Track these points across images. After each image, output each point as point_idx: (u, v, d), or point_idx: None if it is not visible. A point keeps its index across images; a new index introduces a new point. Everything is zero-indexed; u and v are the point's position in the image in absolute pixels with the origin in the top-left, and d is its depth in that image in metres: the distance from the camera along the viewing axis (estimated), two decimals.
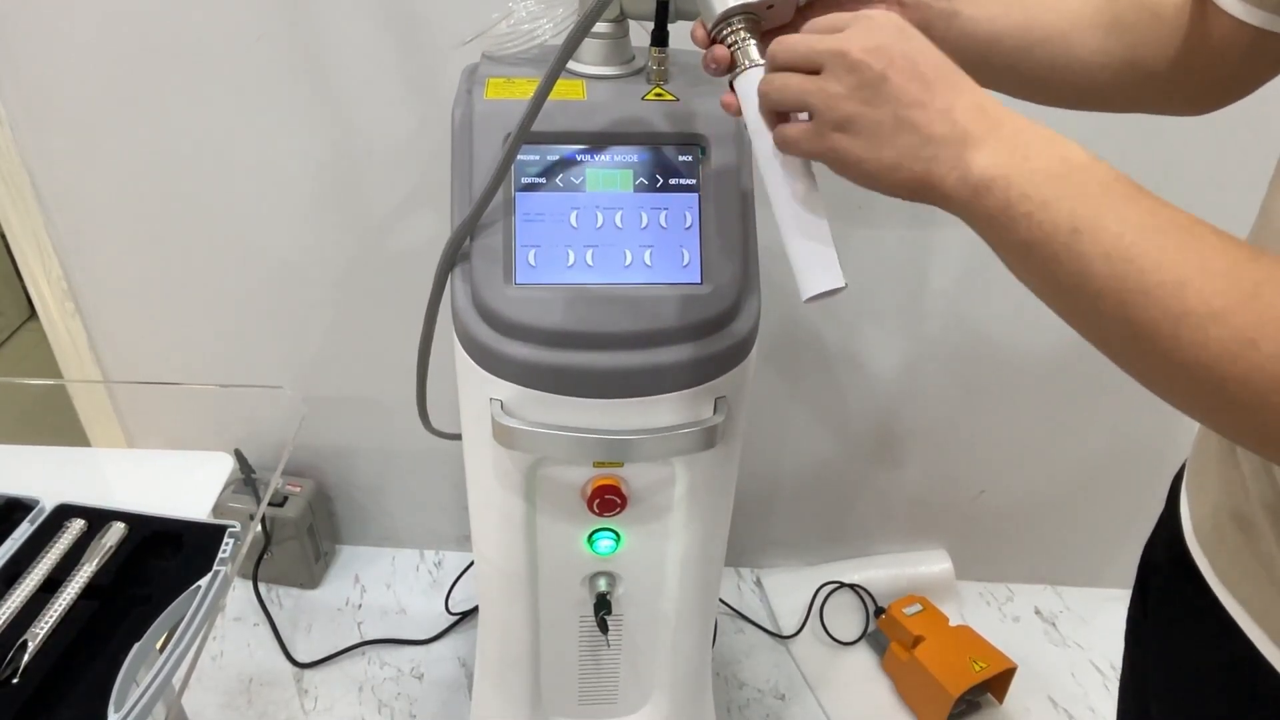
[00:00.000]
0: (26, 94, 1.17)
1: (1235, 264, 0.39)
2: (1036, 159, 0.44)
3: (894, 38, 0.48)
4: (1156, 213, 0.41)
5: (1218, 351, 0.38)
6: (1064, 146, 0.44)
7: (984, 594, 1.62)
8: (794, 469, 1.50)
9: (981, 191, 0.44)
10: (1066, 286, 0.43)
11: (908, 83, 0.46)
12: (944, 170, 0.46)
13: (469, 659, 1.44)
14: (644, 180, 0.75)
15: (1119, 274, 0.40)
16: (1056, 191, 0.42)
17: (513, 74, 0.79)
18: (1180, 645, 0.63)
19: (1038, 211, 0.43)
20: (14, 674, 0.64)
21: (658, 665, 1.03)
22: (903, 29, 0.49)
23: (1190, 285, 0.39)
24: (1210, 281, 0.38)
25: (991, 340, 1.35)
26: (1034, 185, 0.43)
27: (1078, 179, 0.43)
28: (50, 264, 1.30)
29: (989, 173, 0.44)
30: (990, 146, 0.45)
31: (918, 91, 0.46)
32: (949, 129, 0.45)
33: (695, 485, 0.84)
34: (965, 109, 0.46)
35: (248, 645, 1.45)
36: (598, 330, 0.72)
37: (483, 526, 0.90)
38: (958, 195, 0.45)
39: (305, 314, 1.35)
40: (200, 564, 0.74)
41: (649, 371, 0.73)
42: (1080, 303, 0.43)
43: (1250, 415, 0.39)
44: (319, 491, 1.53)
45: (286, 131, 1.18)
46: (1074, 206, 0.42)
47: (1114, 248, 0.41)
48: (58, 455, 0.93)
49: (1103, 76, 0.62)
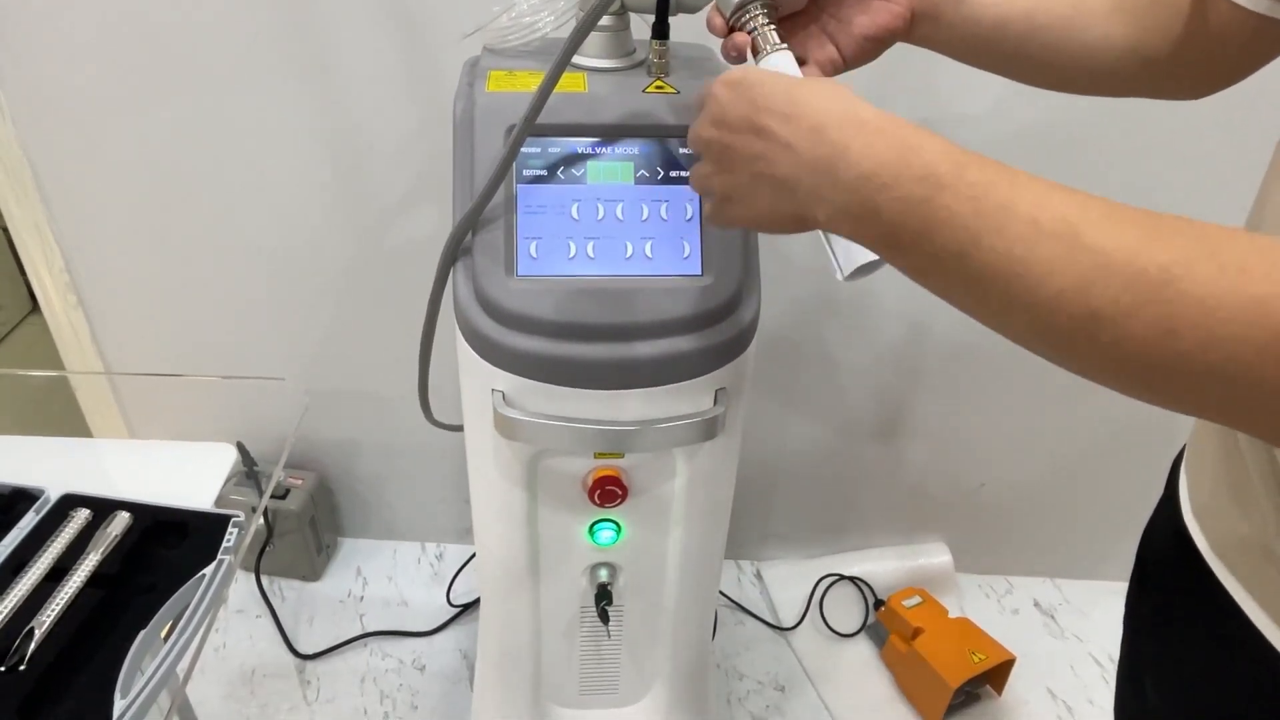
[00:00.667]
0: (29, 87, 1.17)
1: (1135, 251, 0.36)
2: (894, 186, 0.42)
3: (729, 102, 0.50)
4: (1038, 215, 0.38)
5: (1138, 347, 0.37)
6: (919, 158, 0.41)
7: (983, 586, 1.62)
8: (794, 462, 1.51)
9: (855, 223, 0.44)
10: (973, 306, 0.42)
11: (748, 142, 0.48)
12: (813, 208, 0.46)
13: (470, 651, 1.45)
14: (645, 172, 0.75)
15: (1017, 291, 0.39)
16: (927, 218, 0.41)
17: (514, 67, 0.79)
18: (1177, 624, 0.64)
19: (918, 242, 0.41)
20: (20, 661, 0.65)
21: (658, 656, 1.03)
22: (735, 86, 0.50)
23: (1094, 286, 0.37)
24: (1113, 277, 0.36)
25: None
26: (901, 216, 0.41)
27: (945, 201, 0.40)
28: (53, 256, 1.31)
29: (851, 210, 0.43)
30: (842, 181, 0.43)
31: (759, 146, 0.47)
32: (794, 169, 0.46)
33: (696, 476, 0.85)
34: (804, 140, 0.45)
35: (250, 637, 1.46)
36: (599, 322, 0.72)
37: (484, 517, 0.90)
38: (839, 228, 0.46)
39: (307, 307, 1.36)
40: (204, 553, 0.74)
41: (650, 363, 0.74)
42: (992, 318, 0.42)
43: (1194, 397, 0.38)
44: (321, 484, 1.54)
45: (289, 124, 1.18)
46: (951, 232, 0.40)
47: (1003, 266, 0.39)
48: (62, 446, 0.93)
49: (1105, 61, 0.63)
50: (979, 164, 0.41)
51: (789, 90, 0.47)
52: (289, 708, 1.35)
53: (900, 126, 0.43)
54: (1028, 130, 1.15)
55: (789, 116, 0.46)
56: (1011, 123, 1.15)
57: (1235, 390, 0.36)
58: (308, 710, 1.35)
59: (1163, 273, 0.36)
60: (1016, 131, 1.15)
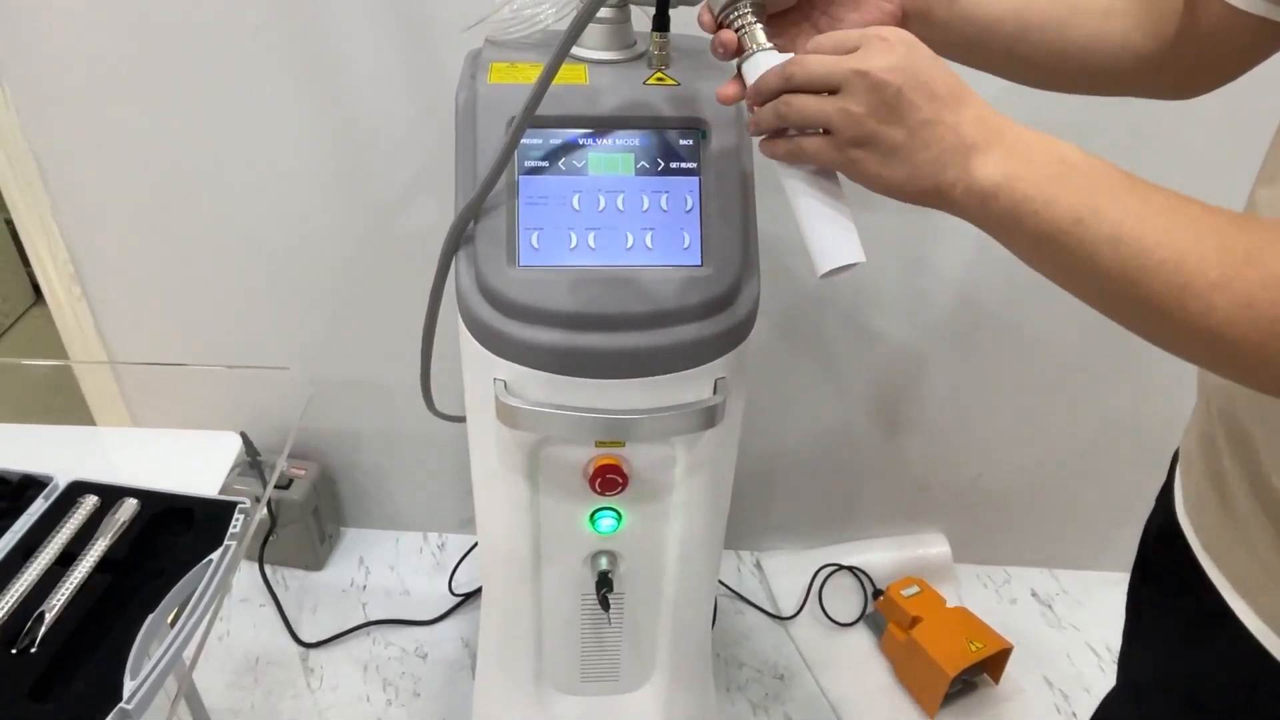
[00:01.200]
0: (33, 80, 1.17)
1: (1226, 235, 0.42)
2: (1037, 163, 0.47)
3: (906, 56, 0.50)
4: (1150, 198, 0.44)
5: (1221, 318, 0.41)
6: (1061, 149, 0.48)
7: (981, 577, 1.63)
8: (793, 453, 1.52)
9: (988, 198, 0.48)
10: (1078, 272, 0.47)
11: (921, 100, 0.49)
12: (951, 181, 0.49)
13: (472, 639, 1.46)
14: (645, 164, 0.76)
15: (1123, 255, 0.44)
16: (1058, 190, 0.46)
17: (516, 59, 0.79)
18: (1170, 616, 0.65)
19: (1043, 210, 0.46)
20: (32, 644, 0.66)
21: (659, 644, 1.04)
22: (913, 46, 0.51)
23: (1188, 259, 0.42)
24: (1206, 254, 0.42)
25: (990, 325, 1.36)
26: (1037, 186, 0.47)
27: (1075, 177, 0.46)
28: (57, 248, 1.32)
29: (994, 179, 0.48)
30: (994, 155, 0.48)
31: (930, 109, 0.49)
32: (956, 142, 0.49)
33: (696, 464, 0.86)
34: (970, 121, 0.49)
35: (254, 626, 1.47)
36: (600, 311, 0.73)
37: (486, 506, 0.91)
38: (966, 204, 0.49)
39: (309, 298, 1.37)
40: (211, 539, 0.75)
41: (650, 352, 0.74)
42: (1093, 285, 0.46)
43: (1259, 370, 0.42)
44: (323, 474, 1.55)
45: (291, 116, 1.19)
46: (1075, 201, 0.45)
47: (1116, 232, 0.44)
48: (70, 434, 0.94)
49: (1098, 61, 0.64)
50: (1104, 161, 0.47)
51: (957, 78, 0.51)
52: (293, 695, 1.37)
53: (1043, 133, 0.49)
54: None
55: (959, 99, 0.50)
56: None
57: None
58: (311, 698, 1.37)
59: (1247, 254, 0.41)
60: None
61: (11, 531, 0.74)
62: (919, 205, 0.52)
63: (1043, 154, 0.48)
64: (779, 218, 1.19)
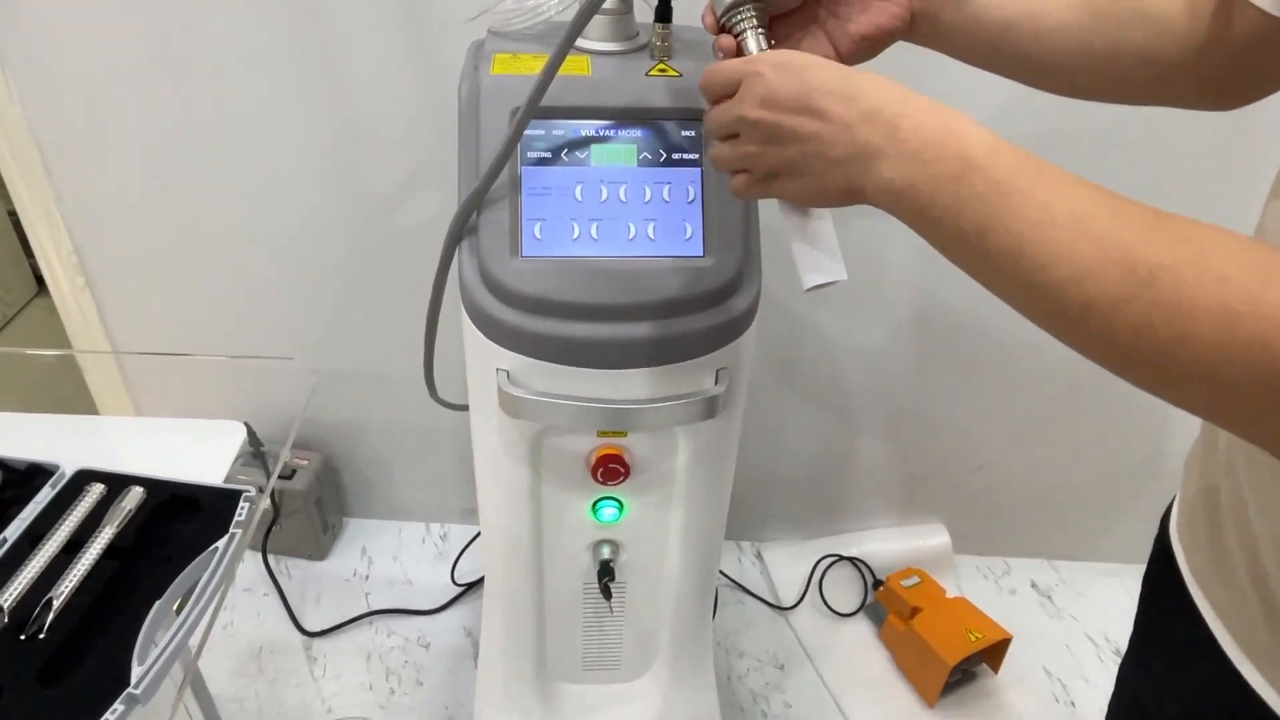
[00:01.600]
0: (37, 70, 1.18)
1: (1132, 251, 0.39)
2: (934, 162, 0.45)
3: (775, 82, 0.51)
4: (1052, 205, 0.42)
5: (1122, 338, 0.40)
6: (962, 140, 0.45)
7: (981, 568, 1.64)
8: (794, 444, 1.52)
9: (895, 200, 0.47)
10: (989, 281, 0.45)
11: (800, 121, 0.49)
12: (859, 183, 0.48)
13: (474, 629, 1.47)
14: (648, 155, 0.76)
15: (1025, 271, 0.42)
16: (957, 193, 0.44)
17: (518, 49, 0.80)
18: (1163, 636, 0.65)
19: (945, 217, 0.45)
20: (40, 630, 0.66)
21: (660, 633, 1.05)
22: (781, 67, 0.51)
23: (1088, 277, 0.40)
24: (1107, 271, 0.39)
25: (990, 317, 1.36)
26: (936, 191, 0.45)
27: (975, 179, 0.44)
28: (61, 238, 1.32)
29: (895, 184, 0.46)
30: (890, 156, 0.46)
31: (812, 124, 0.49)
32: (850, 147, 0.48)
33: (697, 454, 0.86)
34: (862, 120, 0.47)
35: (258, 615, 1.48)
36: (602, 302, 0.74)
37: (489, 495, 0.92)
38: (881, 203, 0.48)
39: (312, 289, 1.37)
40: (216, 527, 0.76)
41: (652, 342, 0.75)
42: (1004, 296, 0.45)
43: (1161, 389, 0.41)
44: (326, 465, 1.56)
45: (294, 107, 1.19)
46: (975, 210, 0.43)
47: (1015, 248, 0.42)
48: (75, 423, 0.95)
49: (1117, 69, 0.61)
50: (1011, 152, 0.44)
51: (844, 74, 0.50)
52: (296, 684, 1.38)
53: (947, 112, 0.46)
54: (1027, 138, 1.15)
55: (847, 98, 0.48)
56: (1012, 129, 1.15)
57: (1205, 388, 0.39)
58: (315, 686, 1.38)
59: (1149, 273, 0.38)
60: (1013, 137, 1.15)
61: (19, 519, 0.75)
62: (856, 206, 0.51)
63: (941, 150, 0.45)
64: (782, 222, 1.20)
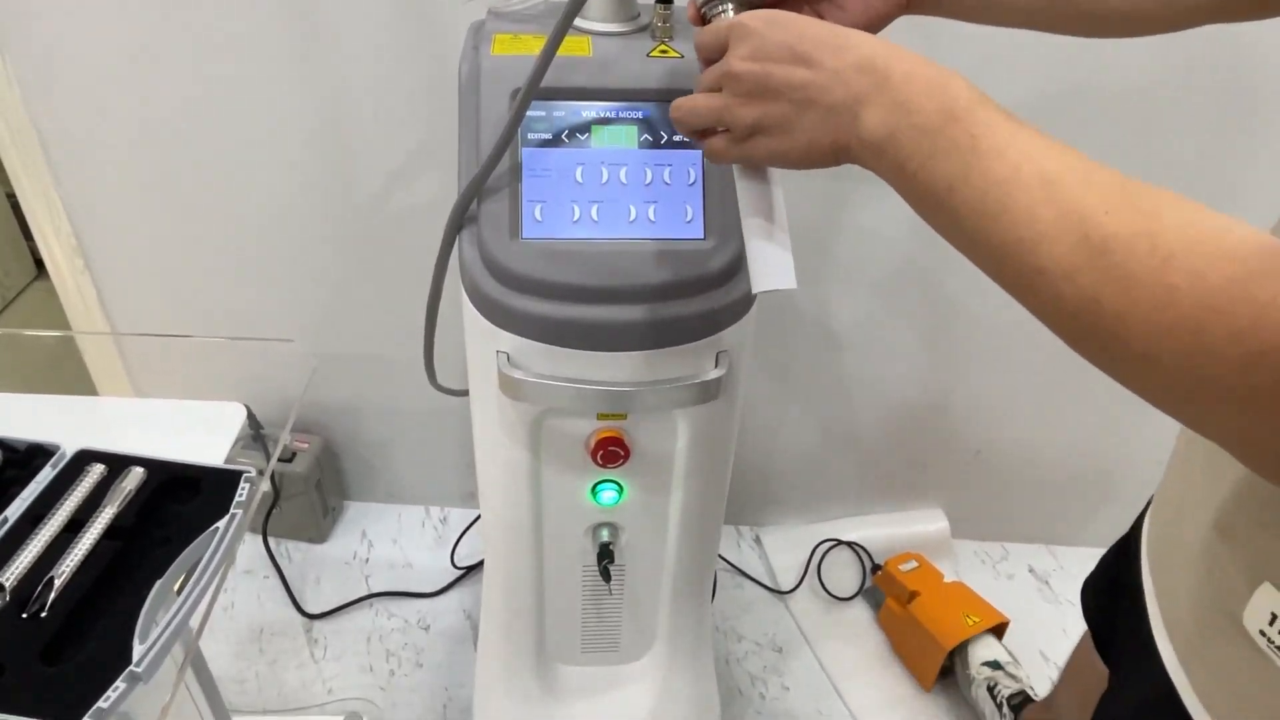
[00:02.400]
0: (35, 53, 1.17)
1: (1090, 220, 0.38)
2: (918, 111, 0.44)
3: (765, 34, 0.50)
4: (1021, 165, 0.41)
5: (1070, 307, 0.39)
6: (947, 92, 0.44)
7: (979, 553, 1.65)
8: (793, 429, 1.53)
9: (877, 152, 0.46)
10: (952, 237, 0.45)
11: (790, 69, 0.48)
12: (847, 135, 0.47)
13: (474, 611, 1.48)
14: (648, 136, 0.76)
15: (987, 229, 0.42)
16: (935, 144, 0.43)
17: (519, 30, 0.79)
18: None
19: (920, 170, 0.44)
20: (41, 609, 0.67)
21: (659, 616, 1.06)
22: (771, 20, 0.51)
23: (1043, 242, 0.39)
24: (1063, 238, 0.39)
25: (990, 302, 1.36)
26: (916, 143, 0.44)
27: (953, 131, 0.43)
28: (60, 221, 1.32)
29: (878, 133, 0.46)
30: (876, 104, 0.46)
31: (803, 73, 0.48)
32: (843, 93, 0.47)
33: (697, 438, 0.86)
34: (854, 69, 0.47)
35: (258, 597, 1.48)
36: (602, 284, 0.73)
37: (489, 478, 0.92)
38: (864, 157, 0.48)
39: (312, 271, 1.37)
40: (217, 508, 0.76)
41: (652, 325, 0.75)
42: (970, 255, 0.45)
43: (1102, 360, 0.40)
44: (326, 448, 1.56)
45: (293, 88, 1.19)
46: (948, 163, 0.43)
47: (979, 204, 0.42)
48: (76, 404, 0.95)
49: (1147, 5, 0.59)
50: (992, 108, 0.44)
51: (835, 28, 0.49)
52: (297, 665, 1.38)
53: (939, 68, 0.46)
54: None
55: (839, 48, 0.48)
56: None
57: (1144, 367, 0.38)
58: (315, 668, 1.38)
59: (1103, 243, 0.38)
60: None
61: (20, 499, 0.75)
62: (834, 167, 0.51)
63: (926, 101, 0.44)
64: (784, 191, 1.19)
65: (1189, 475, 0.58)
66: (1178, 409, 0.39)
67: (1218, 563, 0.52)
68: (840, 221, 1.28)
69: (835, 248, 1.31)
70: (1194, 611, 0.54)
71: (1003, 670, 1.32)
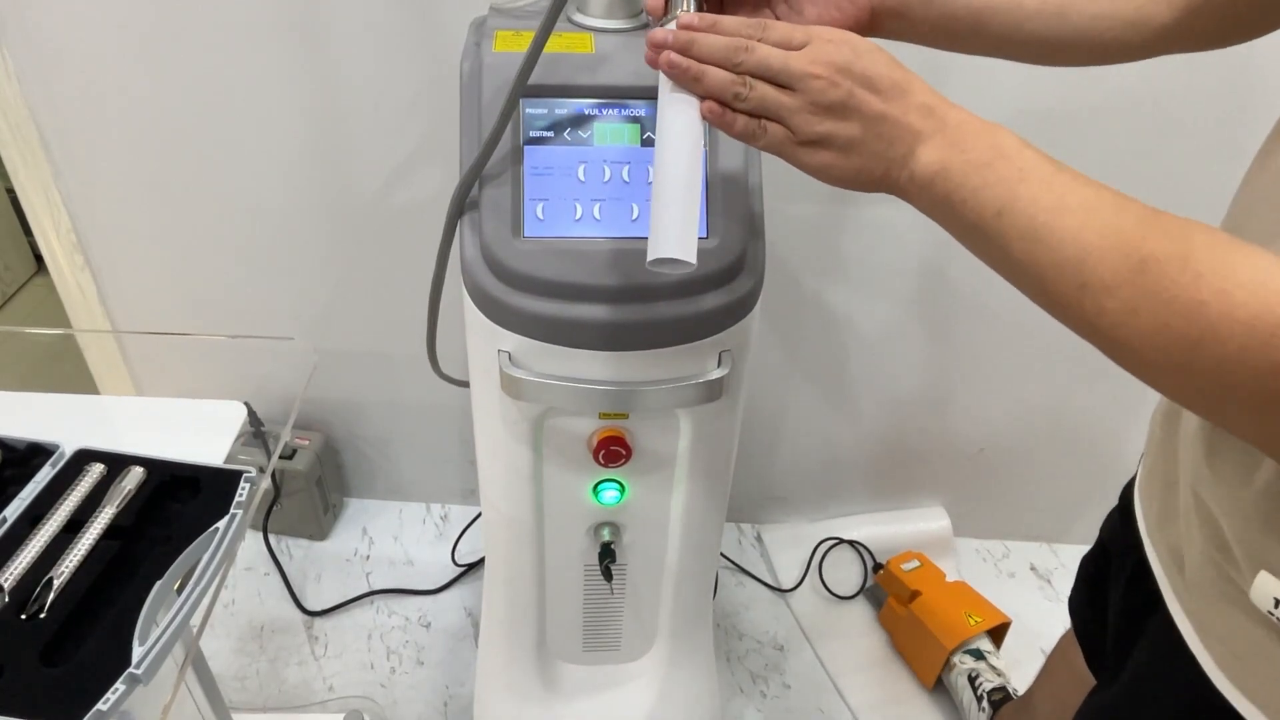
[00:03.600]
0: (35, 47, 1.16)
1: (1131, 240, 0.43)
2: (971, 149, 0.49)
3: (851, 56, 0.52)
4: (1065, 195, 0.46)
5: (1110, 320, 0.44)
6: (996, 135, 0.49)
7: (981, 551, 1.65)
8: (795, 427, 1.52)
9: (928, 185, 0.50)
10: (998, 261, 0.49)
11: (872, 96, 0.51)
12: (898, 170, 0.51)
13: (475, 609, 1.48)
14: (651, 134, 0.75)
15: (1033, 250, 0.46)
16: (985, 178, 0.48)
17: (520, 27, 0.79)
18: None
19: (970, 198, 0.48)
20: (41, 610, 0.66)
21: (660, 614, 1.05)
22: (855, 46, 0.52)
23: (1089, 260, 0.44)
24: (1106, 257, 0.43)
25: (992, 300, 1.35)
26: (966, 174, 0.49)
27: (1003, 166, 0.48)
28: (60, 217, 1.31)
29: (932, 167, 0.50)
30: (933, 142, 0.50)
31: (880, 103, 0.51)
32: (905, 131, 0.51)
33: (699, 437, 0.86)
34: (917, 111, 0.51)
35: (259, 594, 1.48)
36: (604, 283, 0.73)
37: (490, 476, 0.92)
38: (910, 189, 0.52)
39: (313, 268, 1.36)
40: (217, 507, 0.76)
41: (655, 324, 0.74)
42: (1011, 274, 0.49)
43: (1143, 373, 0.44)
44: (327, 445, 1.56)
45: (295, 84, 1.18)
46: (998, 191, 0.47)
47: (1028, 228, 0.46)
48: (75, 402, 0.94)
49: (1108, 38, 0.63)
50: (1039, 151, 0.49)
51: (902, 68, 0.53)
52: (298, 662, 1.38)
53: (983, 119, 0.51)
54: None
55: (906, 90, 0.52)
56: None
57: (1178, 375, 0.43)
58: (316, 665, 1.38)
59: (1141, 262, 0.42)
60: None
61: (19, 499, 0.75)
62: (865, 193, 0.54)
63: (978, 140, 0.49)
64: (785, 189, 1.19)
65: (1170, 454, 0.62)
66: (1210, 412, 0.44)
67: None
68: (844, 220, 1.28)
69: (840, 246, 1.30)
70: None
71: (985, 661, 1.32)
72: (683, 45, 0.54)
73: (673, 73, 0.55)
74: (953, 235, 0.51)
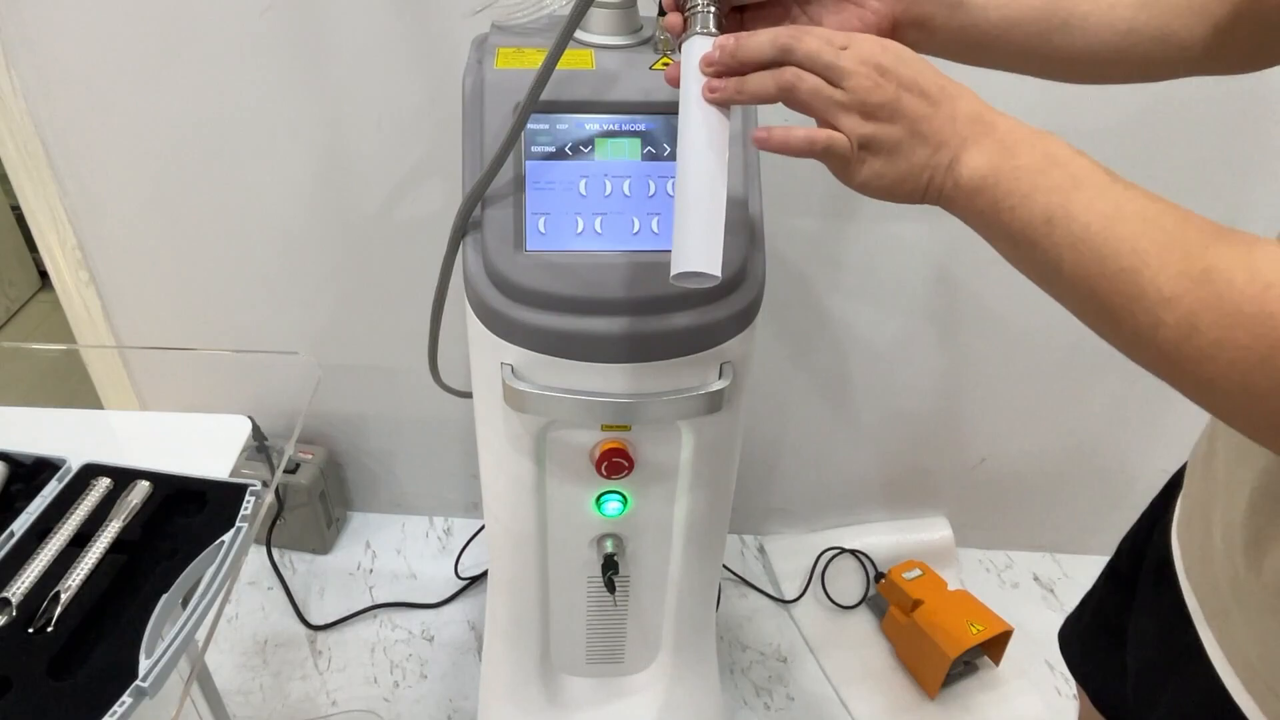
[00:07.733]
0: (41, 65, 1.18)
1: (1192, 252, 0.41)
2: (1021, 156, 0.47)
3: (895, 59, 0.51)
4: (1122, 204, 0.43)
5: (1166, 334, 0.41)
6: (1048, 143, 0.47)
7: (983, 561, 1.64)
8: (797, 437, 1.53)
9: (975, 193, 0.48)
10: (1046, 273, 0.46)
11: (914, 100, 0.50)
12: (943, 177, 0.50)
13: (478, 622, 1.48)
14: (652, 149, 0.76)
15: (1084, 261, 0.44)
16: (1035, 185, 0.46)
17: (522, 44, 0.80)
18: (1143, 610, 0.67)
19: (1019, 205, 0.46)
20: (48, 623, 0.67)
21: (663, 626, 1.05)
22: (899, 51, 0.51)
23: (1146, 271, 0.41)
24: (1165, 268, 0.41)
25: (994, 312, 1.36)
26: (1016, 180, 0.46)
27: (1055, 173, 0.46)
28: (65, 233, 1.32)
29: (980, 172, 0.48)
30: (981, 148, 0.48)
31: (924, 106, 0.50)
32: (952, 137, 0.49)
33: (701, 448, 0.86)
34: (964, 117, 0.49)
35: (262, 608, 1.48)
36: (606, 296, 0.74)
37: (493, 488, 0.92)
38: (955, 198, 0.50)
39: (317, 283, 1.37)
40: (222, 521, 0.76)
41: (656, 337, 0.75)
42: (1058, 287, 0.46)
43: (1199, 391, 0.42)
44: (330, 459, 1.56)
45: (298, 101, 1.19)
46: (1049, 199, 0.45)
47: (1081, 237, 0.44)
48: (81, 417, 0.95)
49: (1133, 55, 0.61)
50: (1092, 160, 0.47)
51: (947, 76, 0.51)
52: (301, 676, 1.38)
53: (1035, 127, 0.49)
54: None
55: (953, 96, 0.50)
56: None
57: (1240, 396, 0.40)
58: (320, 679, 1.38)
59: (1203, 272, 0.40)
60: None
61: (26, 513, 0.75)
62: (906, 203, 0.52)
63: (1029, 146, 0.47)
64: (785, 202, 1.20)
65: (1212, 481, 0.59)
66: (1274, 439, 0.40)
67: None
68: (848, 231, 1.28)
69: (843, 257, 1.31)
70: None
71: None
72: (729, 51, 0.53)
73: (715, 97, 0.54)
74: (996, 248, 0.49)
